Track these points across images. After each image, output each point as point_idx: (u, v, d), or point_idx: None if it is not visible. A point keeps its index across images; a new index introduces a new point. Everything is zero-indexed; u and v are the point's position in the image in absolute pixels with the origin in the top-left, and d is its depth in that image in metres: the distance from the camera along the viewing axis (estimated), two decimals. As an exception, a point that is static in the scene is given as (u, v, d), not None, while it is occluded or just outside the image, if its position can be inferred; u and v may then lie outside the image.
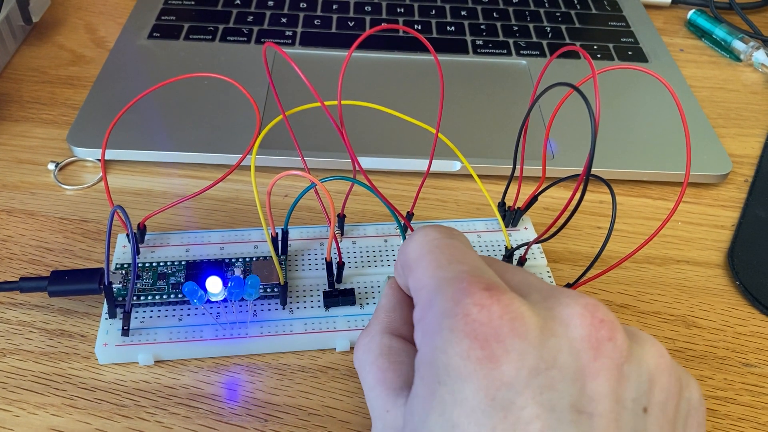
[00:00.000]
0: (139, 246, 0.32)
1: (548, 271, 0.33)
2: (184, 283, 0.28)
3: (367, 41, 0.45)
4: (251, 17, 0.50)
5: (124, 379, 0.28)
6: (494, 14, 0.53)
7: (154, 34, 0.47)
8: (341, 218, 0.34)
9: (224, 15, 0.50)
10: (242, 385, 0.28)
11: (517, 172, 0.32)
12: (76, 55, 0.47)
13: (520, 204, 0.34)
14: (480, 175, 0.34)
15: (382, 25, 0.28)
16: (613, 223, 0.28)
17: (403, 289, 0.24)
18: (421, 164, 0.39)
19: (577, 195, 0.25)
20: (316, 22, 0.50)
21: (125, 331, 0.28)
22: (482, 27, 0.51)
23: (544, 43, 0.50)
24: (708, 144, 0.42)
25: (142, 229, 0.32)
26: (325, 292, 0.31)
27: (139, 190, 0.37)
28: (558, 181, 0.32)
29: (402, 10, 0.52)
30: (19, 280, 0.30)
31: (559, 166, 0.39)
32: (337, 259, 0.31)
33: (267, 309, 0.30)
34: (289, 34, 0.49)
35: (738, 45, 0.52)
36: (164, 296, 0.30)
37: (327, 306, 0.30)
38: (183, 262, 0.31)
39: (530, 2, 0.54)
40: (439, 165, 0.39)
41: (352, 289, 0.31)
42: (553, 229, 0.29)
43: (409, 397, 0.20)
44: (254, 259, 0.32)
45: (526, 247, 0.32)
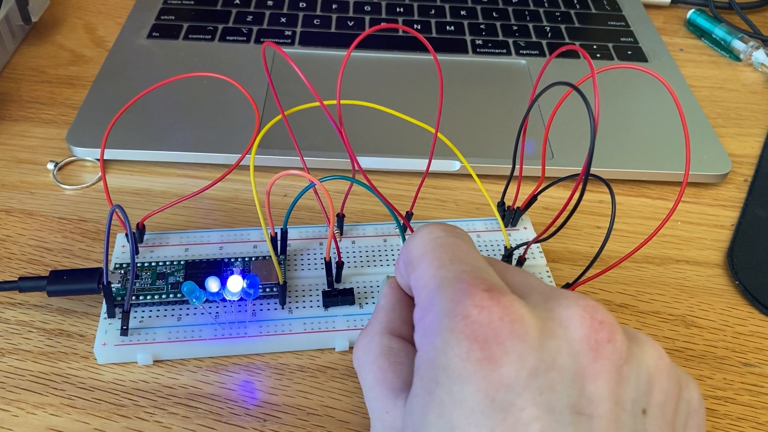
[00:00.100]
0: (138, 246, 0.32)
1: (547, 271, 0.33)
2: (183, 283, 0.28)
3: (366, 41, 0.45)
4: (250, 17, 0.50)
5: (122, 379, 0.28)
6: (494, 14, 0.53)
7: (154, 34, 0.47)
8: (340, 218, 0.34)
9: (223, 15, 0.50)
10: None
11: (517, 172, 0.32)
12: (76, 55, 0.47)
13: (520, 204, 0.34)
14: (479, 175, 0.34)
15: (382, 25, 0.28)
16: (612, 223, 0.28)
17: (404, 288, 0.24)
18: (420, 164, 0.39)
19: (577, 194, 0.25)
20: (315, 22, 0.50)
21: (124, 331, 0.28)
22: (482, 27, 0.51)
23: (544, 42, 0.50)
24: (707, 143, 0.42)
25: (141, 229, 0.32)
26: (324, 292, 0.30)
27: (138, 190, 0.37)
28: (557, 181, 0.32)
29: (401, 10, 0.52)
30: (17, 279, 0.30)
31: (559, 165, 0.39)
32: (337, 259, 0.31)
33: (266, 309, 0.30)
34: (289, 33, 0.48)
35: (738, 45, 0.52)
36: (163, 296, 0.30)
37: (326, 306, 0.30)
38: (182, 262, 0.31)
39: (530, 2, 0.54)
40: (439, 165, 0.39)
41: (352, 289, 0.31)
42: (553, 229, 0.29)
43: (409, 398, 0.20)
44: (253, 259, 0.32)
45: (525, 246, 0.32)
